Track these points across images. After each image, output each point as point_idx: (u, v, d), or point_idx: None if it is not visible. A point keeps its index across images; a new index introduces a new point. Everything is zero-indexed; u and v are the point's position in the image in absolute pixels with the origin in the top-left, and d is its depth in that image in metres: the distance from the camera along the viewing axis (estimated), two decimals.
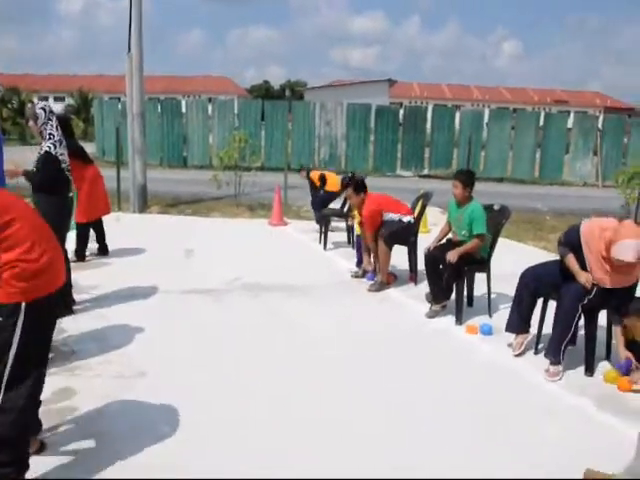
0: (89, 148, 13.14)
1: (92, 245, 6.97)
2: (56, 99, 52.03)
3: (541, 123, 18.64)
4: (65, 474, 2.78)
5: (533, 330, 4.46)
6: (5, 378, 2.49)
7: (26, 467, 2.63)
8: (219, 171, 10.92)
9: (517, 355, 4.33)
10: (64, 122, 5.80)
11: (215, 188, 10.73)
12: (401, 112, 19.62)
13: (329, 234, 7.82)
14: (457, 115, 19.27)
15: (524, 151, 18.34)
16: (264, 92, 68.68)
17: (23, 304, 2.50)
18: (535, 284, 4.31)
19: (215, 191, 10.95)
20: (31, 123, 4.73)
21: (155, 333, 4.62)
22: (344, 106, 18.97)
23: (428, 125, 19.01)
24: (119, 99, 23.70)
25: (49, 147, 4.64)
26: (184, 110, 19.30)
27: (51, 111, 4.77)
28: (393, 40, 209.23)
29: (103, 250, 7.14)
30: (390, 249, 5.80)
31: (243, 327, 4.80)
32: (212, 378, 3.84)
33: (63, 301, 4.19)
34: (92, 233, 6.95)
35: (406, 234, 5.96)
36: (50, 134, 4.67)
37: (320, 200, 8.47)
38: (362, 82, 38.75)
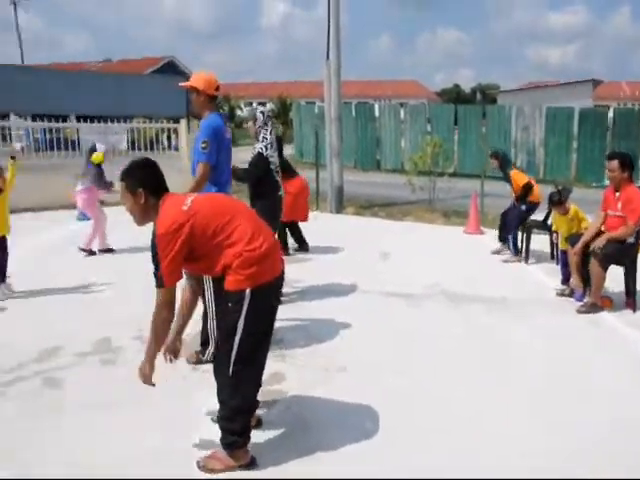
0: (287, 150, 14.07)
1: (291, 241, 7.45)
2: (259, 104, 56.59)
3: None
4: (272, 452, 2.97)
5: None
6: (232, 359, 2.74)
7: (249, 438, 2.87)
8: (412, 175, 10.96)
9: None
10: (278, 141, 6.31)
11: (409, 192, 10.79)
12: (609, 115, 17.84)
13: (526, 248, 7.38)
14: None
15: None
16: (455, 95, 67.29)
17: (247, 290, 2.71)
18: None
19: (409, 195, 11.01)
20: (250, 124, 5.20)
21: (357, 331, 4.77)
22: (542, 110, 17.80)
23: None
24: (314, 103, 25.02)
25: (262, 148, 5.05)
26: (377, 114, 19.72)
27: (269, 116, 5.19)
28: (597, 35, 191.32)
29: (304, 246, 7.60)
30: (605, 270, 5.28)
31: (442, 336, 4.72)
32: (411, 384, 3.83)
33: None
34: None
35: (625, 255, 5.39)
36: (264, 137, 5.07)
37: (518, 214, 7.26)
38: (562, 84, 36.18)
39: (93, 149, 7.65)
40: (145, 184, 2.79)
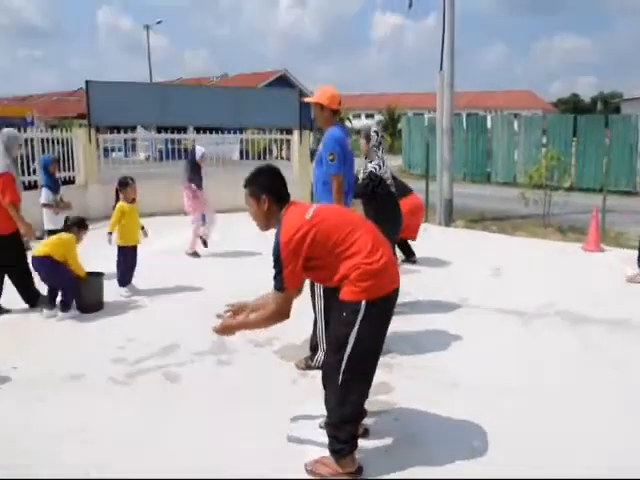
0: (395, 161, 13.96)
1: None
2: (367, 116, 56.99)
3: None
4: (378, 462, 2.95)
5: None
6: (342, 369, 2.75)
7: (356, 446, 2.88)
8: (526, 189, 10.50)
9: None
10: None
11: (521, 206, 10.35)
12: None
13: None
14: None
15: None
16: (572, 106, 63.82)
17: (363, 302, 2.73)
18: None
19: (522, 209, 10.56)
20: (363, 142, 5.30)
21: (467, 347, 4.64)
22: None
23: None
24: (423, 114, 24.77)
25: (374, 168, 5.16)
26: (489, 126, 19.16)
27: (382, 136, 5.33)
28: None
29: (411, 258, 7.54)
30: None
31: (558, 358, 4.46)
32: (527, 406, 3.66)
33: None
34: None
35: None
36: (376, 155, 5.21)
37: None
38: None
39: (193, 152, 8.21)
40: (269, 190, 2.90)
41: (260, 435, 3.26)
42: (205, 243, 8.12)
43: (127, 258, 6.14)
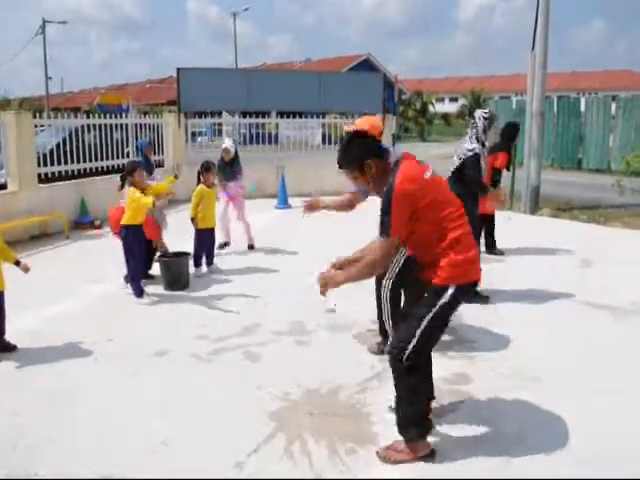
0: None
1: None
2: (451, 100, 55.56)
3: None
4: (456, 452, 2.90)
5: None
6: (409, 349, 2.75)
7: (427, 430, 2.88)
8: (623, 176, 9.88)
9: None
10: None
11: (616, 195, 9.76)
12: None
13: None
14: None
15: None
16: None
17: (450, 288, 2.73)
18: None
19: (616, 198, 9.97)
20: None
21: (551, 340, 4.47)
22: None
23: None
24: (509, 98, 23.77)
25: (475, 148, 5.17)
26: (582, 109, 18.11)
27: (491, 120, 5.27)
28: None
29: (494, 251, 7.29)
30: None
31: None
32: (620, 405, 3.47)
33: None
34: None
35: None
36: (477, 137, 5.21)
37: None
38: None
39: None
40: (366, 154, 2.83)
41: (331, 419, 3.30)
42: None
43: (204, 240, 6.33)
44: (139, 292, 5.40)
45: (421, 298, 2.83)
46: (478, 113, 5.34)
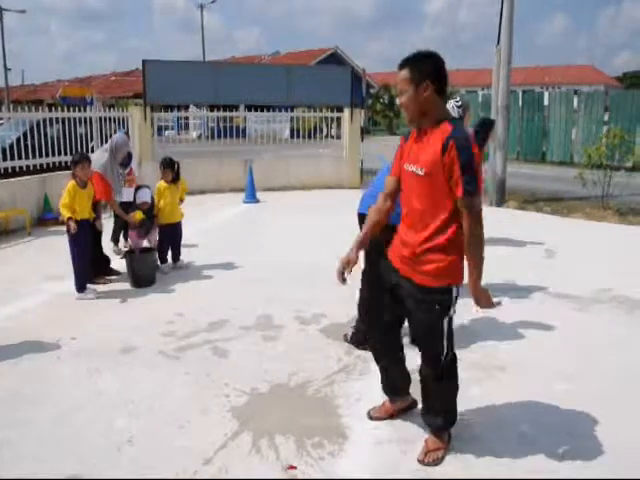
0: None
1: None
2: None
3: None
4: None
5: None
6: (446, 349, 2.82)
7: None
8: (584, 169, 10.10)
9: None
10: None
11: (578, 187, 9.98)
12: None
13: None
14: None
15: None
16: (638, 80, 60.54)
17: (454, 288, 2.71)
18: None
19: (578, 190, 10.18)
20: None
21: (518, 331, 4.53)
22: None
23: None
24: (476, 92, 24.08)
25: None
26: (546, 103, 18.46)
27: (465, 107, 5.22)
28: None
29: None
30: None
31: (613, 344, 4.32)
32: (579, 391, 3.55)
33: None
34: None
35: None
36: None
37: None
38: None
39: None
40: (433, 77, 2.57)
41: (301, 412, 3.31)
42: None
43: (168, 235, 6.26)
44: (79, 287, 5.29)
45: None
46: (451, 104, 5.19)
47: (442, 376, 2.87)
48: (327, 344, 4.27)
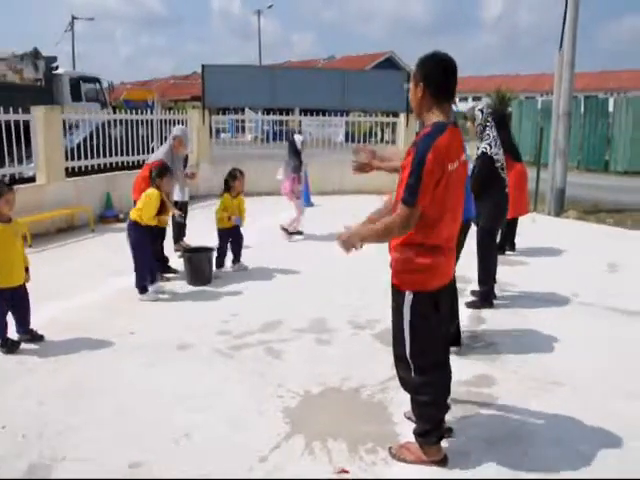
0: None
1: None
2: (474, 98, 54.99)
3: None
4: (474, 454, 2.88)
5: None
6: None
7: (442, 436, 2.86)
8: None
9: None
10: (501, 117, 6.15)
11: None
12: None
13: None
14: None
15: None
16: None
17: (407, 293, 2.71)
18: None
19: None
20: (469, 124, 5.11)
21: (573, 344, 4.40)
22: None
23: None
24: (534, 98, 23.49)
25: (485, 147, 4.96)
26: (611, 109, 17.81)
27: (489, 112, 5.03)
28: None
29: (512, 246, 7.25)
30: None
31: None
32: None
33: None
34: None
35: None
36: (487, 134, 4.95)
37: None
38: None
39: (292, 141, 8.01)
40: (426, 81, 2.61)
41: (347, 417, 3.31)
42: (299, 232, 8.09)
43: (225, 240, 6.30)
44: (141, 289, 5.38)
45: None
46: (473, 112, 5.02)
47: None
48: (380, 349, 4.24)
